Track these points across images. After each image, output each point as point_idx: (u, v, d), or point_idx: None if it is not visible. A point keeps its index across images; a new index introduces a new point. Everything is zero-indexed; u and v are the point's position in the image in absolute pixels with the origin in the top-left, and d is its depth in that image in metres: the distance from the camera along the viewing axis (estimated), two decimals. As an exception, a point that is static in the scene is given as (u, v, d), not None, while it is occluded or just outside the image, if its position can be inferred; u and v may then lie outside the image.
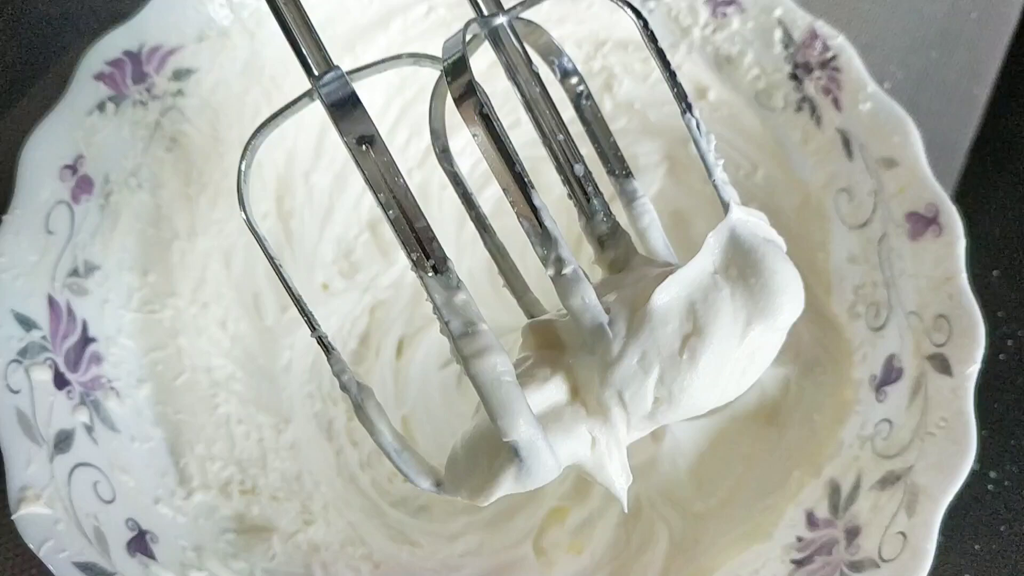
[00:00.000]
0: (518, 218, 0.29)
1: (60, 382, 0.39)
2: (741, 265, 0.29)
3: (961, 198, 0.57)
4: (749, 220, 0.30)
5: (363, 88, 0.53)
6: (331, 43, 0.50)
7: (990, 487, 0.51)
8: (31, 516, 0.35)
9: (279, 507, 0.43)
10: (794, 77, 0.48)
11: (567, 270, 0.29)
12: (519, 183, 0.28)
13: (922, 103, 0.62)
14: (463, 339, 0.28)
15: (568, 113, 0.35)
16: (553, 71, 0.34)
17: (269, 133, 0.32)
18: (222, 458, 0.43)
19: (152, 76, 0.45)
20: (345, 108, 0.28)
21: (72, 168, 0.42)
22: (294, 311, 0.49)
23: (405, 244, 0.28)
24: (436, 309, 0.28)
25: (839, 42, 0.47)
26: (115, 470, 0.39)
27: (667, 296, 0.29)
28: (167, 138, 0.46)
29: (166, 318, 0.44)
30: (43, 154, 0.41)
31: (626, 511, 0.32)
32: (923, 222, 0.43)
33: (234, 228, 0.48)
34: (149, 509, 0.39)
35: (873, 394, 0.42)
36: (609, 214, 0.34)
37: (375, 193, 0.28)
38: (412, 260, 0.28)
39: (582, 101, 0.35)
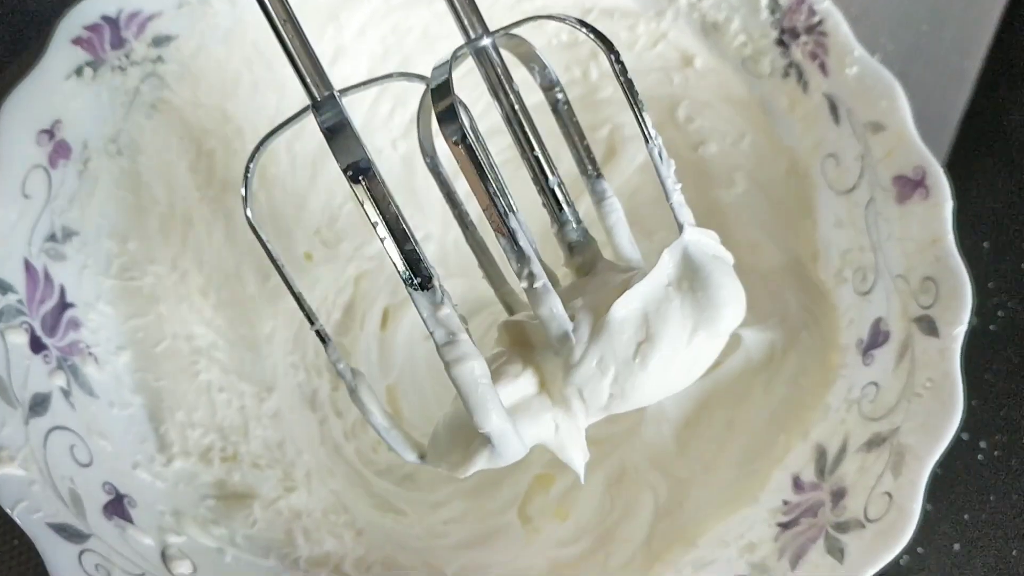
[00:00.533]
0: (495, 234, 0.32)
1: (36, 346, 0.38)
2: (692, 279, 0.33)
3: (951, 171, 0.56)
4: (700, 240, 0.33)
5: (348, 59, 0.52)
6: (315, 13, 0.50)
7: (980, 457, 0.51)
8: (5, 477, 0.34)
9: (261, 474, 0.42)
10: (781, 43, 0.47)
11: (538, 284, 0.32)
12: (496, 208, 0.31)
13: (912, 77, 0.62)
14: (446, 347, 0.31)
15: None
16: (534, 76, 0.37)
17: (267, 147, 0.34)
18: (203, 425, 0.43)
19: (131, 42, 0.44)
20: (340, 136, 0.30)
21: (49, 133, 0.41)
22: (276, 280, 0.48)
23: (395, 263, 0.30)
24: (423, 320, 0.31)
25: (825, 6, 0.46)
26: (92, 435, 0.38)
27: (624, 309, 0.33)
28: (147, 105, 0.45)
29: (146, 285, 0.44)
30: (19, 118, 0.40)
31: (583, 483, 0.37)
32: (910, 185, 0.42)
33: (215, 196, 0.47)
34: (127, 474, 0.39)
35: (860, 357, 0.42)
36: (579, 222, 0.38)
37: (368, 217, 0.30)
38: (401, 277, 0.31)
39: (560, 107, 0.38)
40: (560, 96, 0.37)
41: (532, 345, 0.35)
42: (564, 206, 0.37)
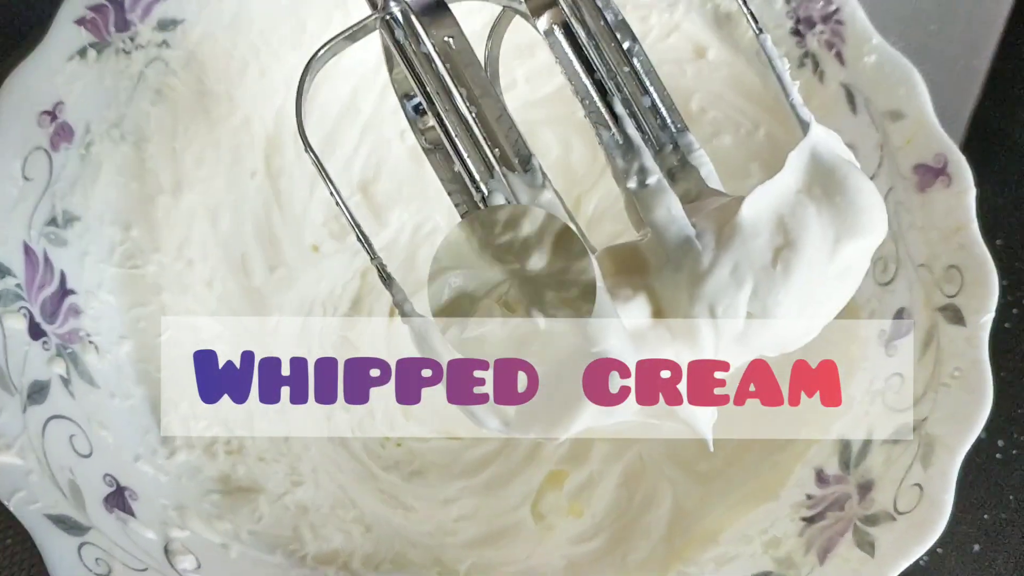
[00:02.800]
0: (595, 128, 0.28)
1: (35, 332, 0.37)
2: (825, 184, 0.28)
3: (962, 168, 0.57)
4: (828, 139, 0.29)
5: (357, 46, 0.51)
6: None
7: (998, 456, 0.50)
8: (1, 465, 0.33)
9: (266, 468, 0.41)
10: (796, 32, 0.47)
11: (651, 180, 0.27)
12: (599, 90, 0.27)
13: (921, 75, 0.62)
14: None
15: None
16: (600, 19, 0.33)
17: (333, 56, 0.31)
18: (207, 418, 0.41)
19: (136, 24, 0.43)
20: (434, 13, 0.27)
21: (51, 114, 0.40)
22: (282, 271, 0.47)
23: (488, 140, 0.27)
24: None
25: (842, -6, 0.46)
26: (93, 425, 0.37)
27: (755, 208, 0.27)
28: (152, 90, 0.44)
29: (149, 274, 0.43)
30: (20, 98, 0.39)
31: (711, 450, 0.31)
32: (932, 173, 0.42)
33: (221, 186, 0.46)
34: (129, 466, 0.37)
35: (882, 349, 0.41)
36: (678, 146, 0.32)
37: (454, 88, 0.26)
38: (494, 158, 0.27)
39: (634, 54, 0.33)
40: (628, 44, 0.32)
41: (643, 271, 0.29)
42: (659, 129, 0.32)
